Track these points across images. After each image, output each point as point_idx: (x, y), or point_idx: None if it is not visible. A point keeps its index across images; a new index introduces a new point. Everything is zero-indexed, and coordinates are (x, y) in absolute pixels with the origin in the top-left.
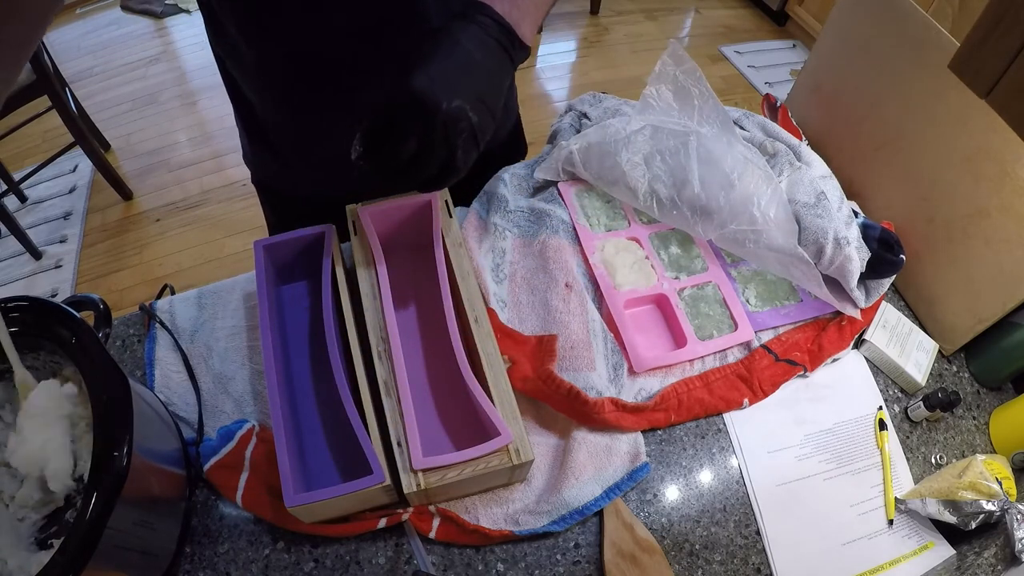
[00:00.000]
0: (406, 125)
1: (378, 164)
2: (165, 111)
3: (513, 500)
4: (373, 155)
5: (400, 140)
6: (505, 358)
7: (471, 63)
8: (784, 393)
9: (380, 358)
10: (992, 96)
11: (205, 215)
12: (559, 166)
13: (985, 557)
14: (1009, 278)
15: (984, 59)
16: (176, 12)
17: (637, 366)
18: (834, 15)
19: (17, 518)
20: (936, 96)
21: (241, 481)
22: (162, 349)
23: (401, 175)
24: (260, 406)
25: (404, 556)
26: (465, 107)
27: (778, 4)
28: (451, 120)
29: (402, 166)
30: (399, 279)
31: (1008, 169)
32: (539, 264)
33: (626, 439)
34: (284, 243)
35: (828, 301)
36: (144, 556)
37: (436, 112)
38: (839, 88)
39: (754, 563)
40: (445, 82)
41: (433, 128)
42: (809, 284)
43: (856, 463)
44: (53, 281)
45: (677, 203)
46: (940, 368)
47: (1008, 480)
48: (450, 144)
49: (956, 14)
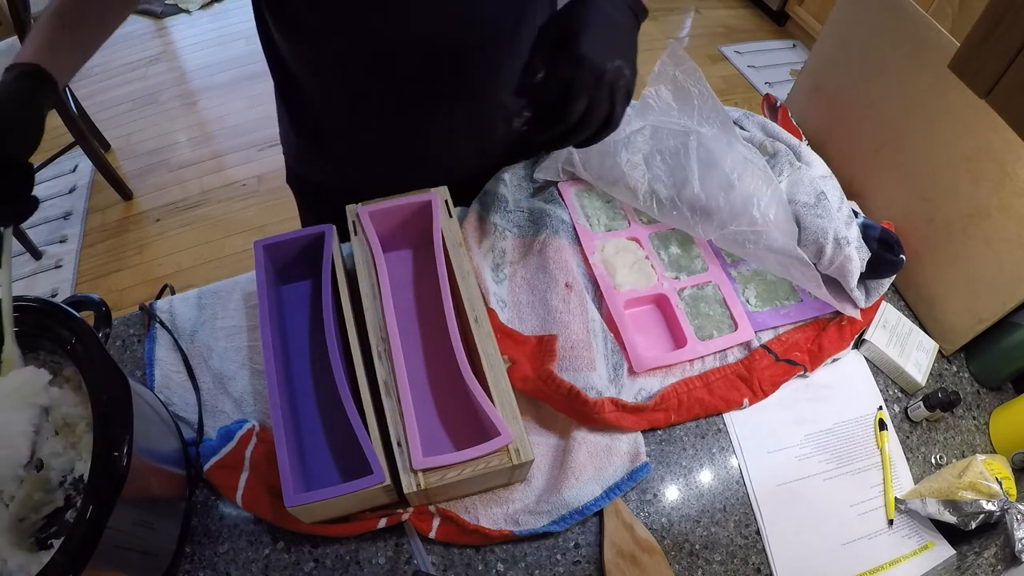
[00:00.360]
0: (573, 89)
1: (545, 128)
2: (165, 111)
3: (513, 500)
4: (540, 121)
5: (570, 103)
6: (505, 358)
7: (617, 27)
8: (784, 393)
9: (380, 358)
10: (992, 96)
11: (205, 215)
12: (559, 166)
13: (985, 557)
14: (1009, 278)
15: (984, 59)
16: (176, 12)
17: (637, 366)
18: (834, 15)
19: (17, 518)
20: (936, 96)
21: (241, 481)
22: (162, 349)
23: (570, 134)
24: (260, 406)
25: (404, 556)
26: (622, 65)
27: (778, 4)
28: (614, 78)
29: (571, 126)
30: (399, 279)
31: (1008, 169)
32: (539, 264)
33: (626, 439)
34: (284, 243)
35: (828, 301)
36: (144, 556)
37: (603, 72)
38: (839, 88)
39: (754, 563)
40: (604, 46)
41: (600, 87)
42: (808, 285)
43: (856, 463)
44: (53, 281)
45: (677, 203)
46: (940, 368)
47: (1008, 480)
48: (612, 99)
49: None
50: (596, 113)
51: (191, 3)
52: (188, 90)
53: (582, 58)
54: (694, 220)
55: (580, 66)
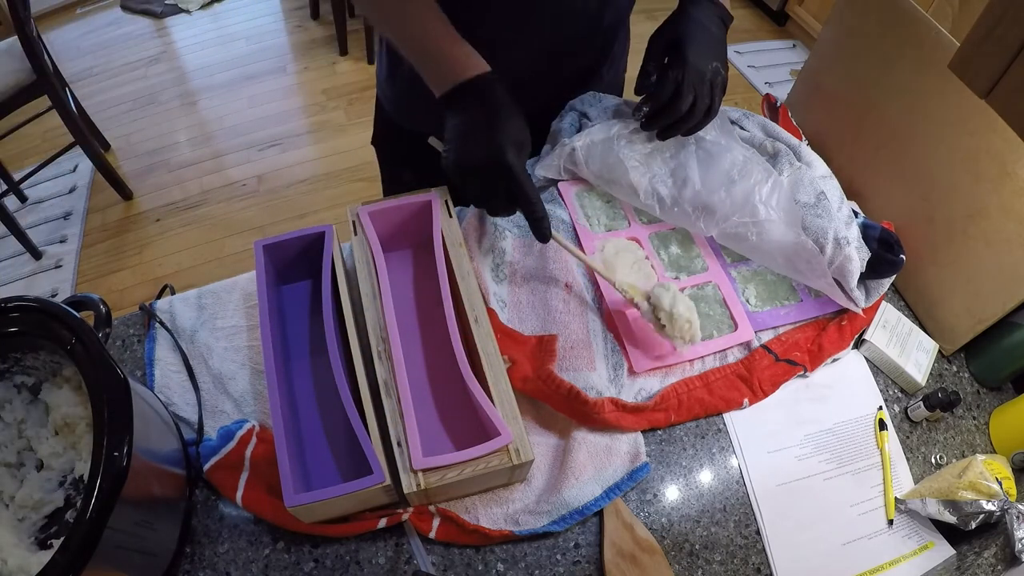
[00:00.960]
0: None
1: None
2: (165, 111)
3: (513, 500)
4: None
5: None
6: (505, 358)
7: (711, 35)
8: (784, 393)
9: (380, 358)
10: (992, 96)
11: (205, 215)
12: (560, 164)
13: (985, 557)
14: (1009, 278)
15: (984, 59)
16: (176, 12)
17: (637, 366)
18: (834, 15)
19: (17, 518)
20: (936, 96)
21: (241, 481)
22: (162, 349)
23: (681, 122)
24: (260, 406)
25: (404, 556)
26: (719, 66)
27: (778, 4)
28: (713, 76)
29: (681, 116)
30: (399, 279)
31: (1008, 169)
32: (539, 264)
33: (626, 439)
34: (284, 243)
35: (832, 294)
36: (144, 556)
37: (704, 72)
38: (839, 88)
39: (754, 563)
40: (703, 52)
41: (703, 84)
42: (814, 275)
43: (856, 463)
44: (53, 281)
45: (679, 200)
46: (940, 368)
47: (1008, 480)
48: (712, 94)
49: (956, 14)
50: (701, 105)
51: (191, 3)
52: (188, 90)
53: (688, 63)
54: (696, 216)
55: (687, 69)
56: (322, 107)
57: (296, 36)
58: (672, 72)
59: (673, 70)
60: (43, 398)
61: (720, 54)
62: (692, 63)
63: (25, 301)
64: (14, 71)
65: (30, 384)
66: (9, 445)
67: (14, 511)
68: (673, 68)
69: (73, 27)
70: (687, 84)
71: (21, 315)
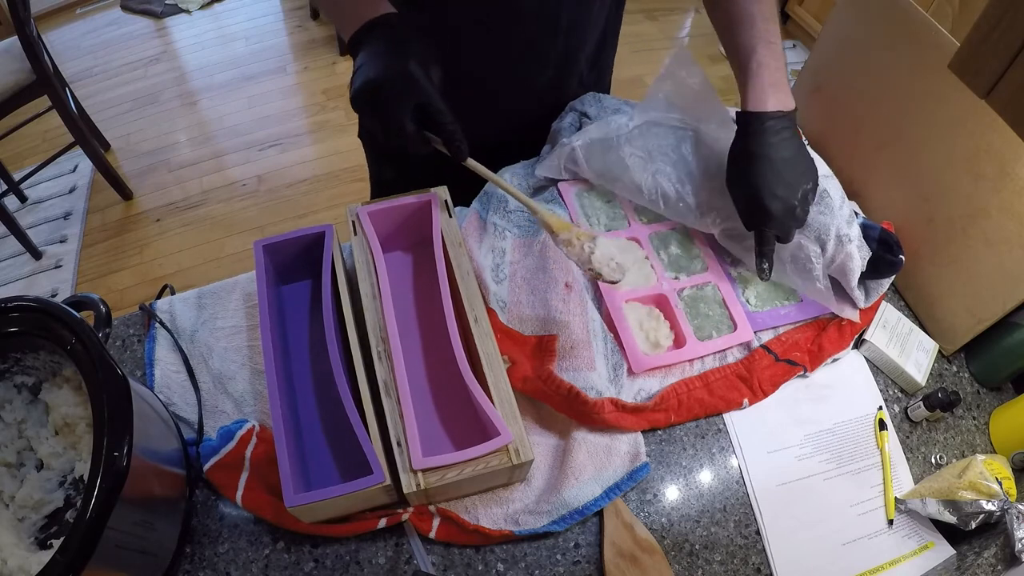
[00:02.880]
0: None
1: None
2: (165, 111)
3: (513, 500)
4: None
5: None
6: (505, 358)
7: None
8: (784, 393)
9: (380, 358)
10: (992, 96)
11: (205, 215)
12: (561, 163)
13: (985, 557)
14: (1009, 278)
15: (984, 59)
16: (176, 12)
17: (637, 366)
18: (834, 15)
19: (17, 518)
20: (936, 96)
21: (241, 481)
22: (162, 349)
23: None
24: (260, 406)
25: (404, 556)
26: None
27: (778, 4)
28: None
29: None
30: (399, 279)
31: (1008, 169)
32: (539, 264)
33: (626, 439)
34: (284, 243)
35: (826, 301)
36: (144, 556)
37: (793, 208)
38: (839, 88)
39: (754, 563)
40: (783, 192)
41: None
42: (809, 280)
43: (856, 463)
44: (53, 281)
45: (682, 197)
46: (940, 368)
47: (1008, 480)
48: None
49: (956, 14)
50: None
51: (191, 3)
52: (188, 90)
53: (772, 216)
54: (698, 213)
55: (773, 221)
56: (322, 107)
57: (296, 36)
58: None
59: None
60: (43, 398)
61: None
62: (776, 216)
63: (25, 301)
64: (14, 71)
65: (30, 384)
66: (9, 445)
67: (14, 511)
68: (764, 233)
69: (73, 27)
70: (783, 232)
71: (21, 315)
